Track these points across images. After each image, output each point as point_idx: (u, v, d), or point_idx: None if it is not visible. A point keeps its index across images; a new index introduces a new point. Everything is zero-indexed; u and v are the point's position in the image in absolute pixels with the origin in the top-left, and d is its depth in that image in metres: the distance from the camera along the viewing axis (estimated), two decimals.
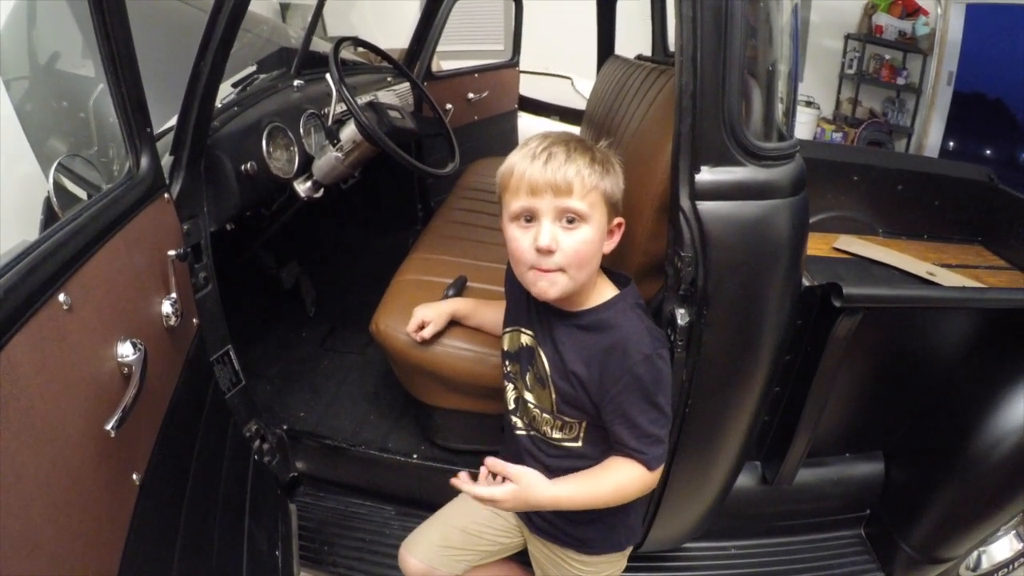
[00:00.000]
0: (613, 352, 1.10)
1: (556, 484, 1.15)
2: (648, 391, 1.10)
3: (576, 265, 1.06)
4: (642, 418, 1.11)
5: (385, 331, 1.66)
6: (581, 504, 1.16)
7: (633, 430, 1.12)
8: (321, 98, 2.13)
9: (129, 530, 1.00)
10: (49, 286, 0.86)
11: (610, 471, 1.15)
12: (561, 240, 1.05)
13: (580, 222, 1.05)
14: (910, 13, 5.83)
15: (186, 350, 1.38)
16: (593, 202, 1.05)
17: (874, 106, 6.28)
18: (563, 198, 1.03)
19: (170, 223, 1.38)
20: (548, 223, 1.05)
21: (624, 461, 1.14)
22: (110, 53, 1.17)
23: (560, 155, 1.04)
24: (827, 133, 6.10)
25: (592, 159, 1.06)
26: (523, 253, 1.07)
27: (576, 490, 1.15)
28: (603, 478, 1.15)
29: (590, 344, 1.13)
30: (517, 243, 1.08)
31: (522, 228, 1.08)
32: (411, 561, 1.43)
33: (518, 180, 1.06)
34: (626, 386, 1.09)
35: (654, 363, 1.10)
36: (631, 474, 1.14)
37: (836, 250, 2.04)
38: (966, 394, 1.66)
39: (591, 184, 1.04)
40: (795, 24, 1.37)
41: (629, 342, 1.10)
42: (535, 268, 1.07)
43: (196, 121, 1.46)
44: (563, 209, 1.04)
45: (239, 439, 1.67)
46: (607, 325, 1.13)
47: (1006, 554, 1.89)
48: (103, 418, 0.91)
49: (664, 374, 1.12)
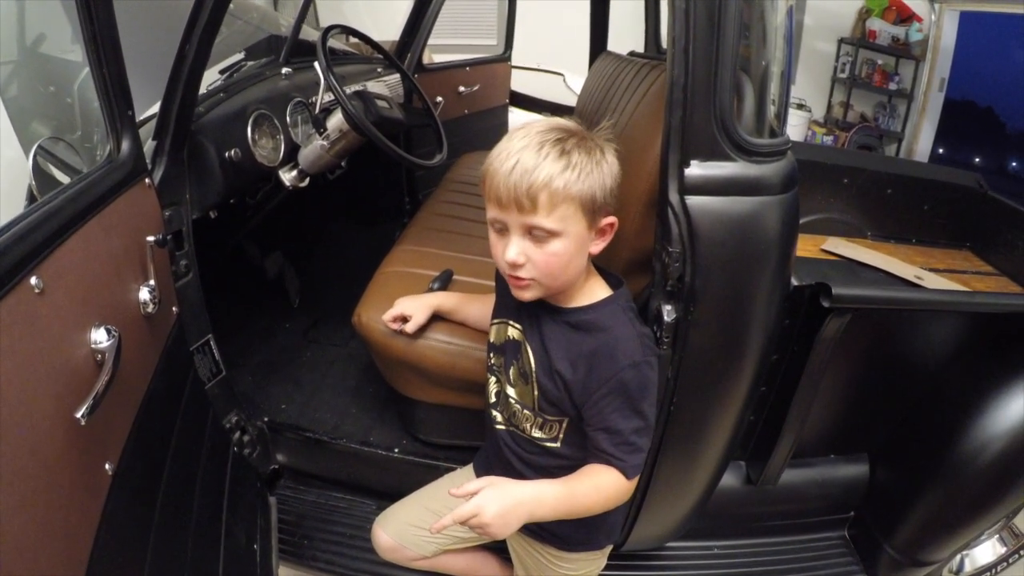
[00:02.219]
0: (600, 355, 1.08)
1: (536, 483, 1.09)
2: (633, 398, 1.07)
3: (547, 276, 1.05)
4: (624, 425, 1.08)
5: (367, 323, 1.64)
6: (561, 506, 1.07)
7: (613, 436, 1.09)
8: (309, 87, 2.10)
9: (100, 521, 0.97)
10: (20, 268, 0.83)
11: (588, 476, 1.11)
12: (530, 254, 1.03)
13: (550, 237, 1.01)
14: (904, 19, 5.85)
15: (164, 338, 1.36)
16: (564, 215, 1.00)
17: (865, 111, 6.30)
18: (527, 216, 0.99)
19: (150, 209, 1.35)
20: (516, 238, 1.02)
21: (601, 468, 1.11)
22: (92, 33, 1.14)
23: (528, 161, 0.98)
24: (818, 136, 6.12)
25: (566, 165, 0.98)
26: (498, 259, 1.07)
27: (560, 490, 1.07)
28: (581, 483, 1.10)
29: (578, 343, 1.11)
30: (494, 248, 1.07)
31: (496, 234, 1.06)
32: (382, 536, 1.44)
33: (488, 186, 1.03)
34: (611, 391, 1.07)
35: (641, 370, 1.07)
36: (608, 481, 1.10)
37: (824, 252, 2.03)
38: (952, 398, 1.67)
39: (561, 196, 0.98)
40: (789, 25, 1.36)
41: (618, 347, 1.08)
42: (509, 275, 1.07)
43: (180, 106, 1.43)
44: (528, 226, 1.00)
45: (218, 430, 1.65)
46: (597, 327, 1.11)
47: (989, 558, 1.90)
48: (74, 405, 0.89)
49: (650, 382, 1.09)
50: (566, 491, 1.07)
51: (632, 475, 1.11)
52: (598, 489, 1.09)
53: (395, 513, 1.47)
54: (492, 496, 1.01)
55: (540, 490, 1.06)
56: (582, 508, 1.09)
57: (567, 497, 1.07)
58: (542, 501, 1.05)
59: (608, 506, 1.12)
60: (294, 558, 1.75)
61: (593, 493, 1.09)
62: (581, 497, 1.08)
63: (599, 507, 1.10)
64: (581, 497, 1.08)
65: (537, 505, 1.04)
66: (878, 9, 5.89)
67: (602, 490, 1.10)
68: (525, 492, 1.05)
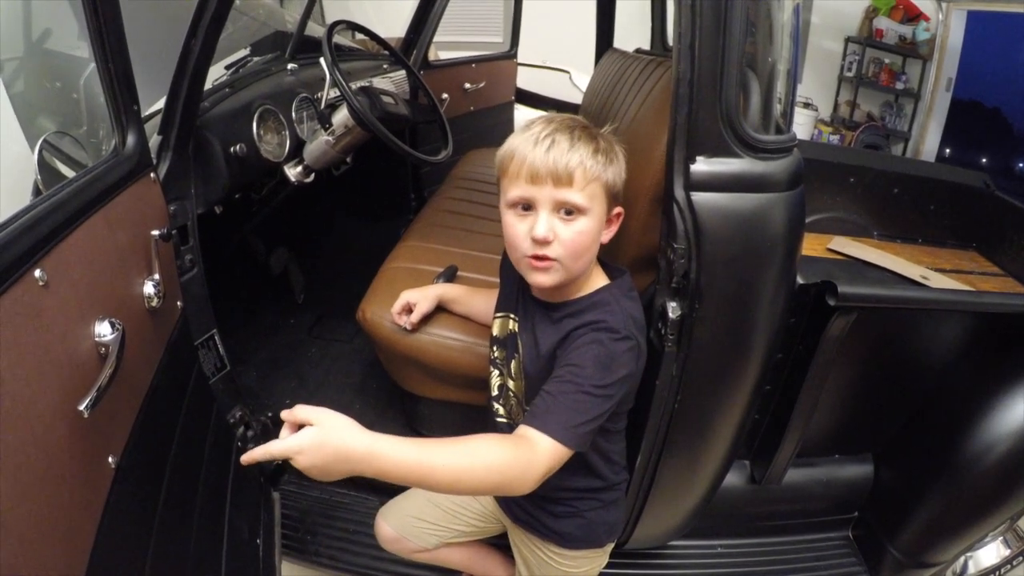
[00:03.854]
0: (584, 322, 1.06)
1: (384, 437, 0.90)
2: (600, 362, 1.01)
3: (572, 256, 1.04)
4: (569, 386, 0.99)
5: (372, 319, 1.64)
6: (410, 474, 0.89)
7: (551, 394, 1.00)
8: (315, 83, 2.10)
9: (103, 514, 0.97)
10: (25, 261, 0.83)
11: (482, 442, 0.95)
12: (559, 231, 1.03)
13: (578, 214, 1.03)
14: (911, 18, 5.82)
15: (169, 333, 1.36)
16: (593, 194, 1.03)
17: (872, 110, 6.28)
18: (563, 189, 1.01)
19: (155, 203, 1.35)
20: (546, 214, 1.03)
21: (509, 439, 0.98)
22: (98, 27, 1.14)
23: (563, 143, 1.01)
24: (824, 135, 6.10)
25: (596, 149, 1.03)
26: (519, 241, 1.05)
27: (409, 452, 0.89)
28: (453, 455, 0.92)
29: (566, 327, 1.09)
30: (513, 230, 1.06)
31: (519, 216, 1.06)
32: (384, 528, 1.47)
33: (518, 166, 1.03)
34: (579, 347, 1.03)
35: (617, 344, 1.03)
36: (513, 447, 0.95)
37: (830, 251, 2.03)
38: (958, 398, 1.66)
39: (593, 175, 1.02)
40: (796, 24, 1.36)
41: (604, 317, 1.06)
42: (530, 257, 1.05)
43: (185, 101, 1.43)
44: (561, 201, 1.02)
45: (222, 425, 1.65)
46: (588, 309, 1.10)
47: (993, 560, 1.89)
48: (77, 398, 0.89)
49: (621, 361, 1.03)
50: (421, 459, 0.90)
51: (541, 449, 0.96)
52: (489, 467, 0.92)
53: (398, 505, 1.49)
54: (316, 441, 0.87)
55: (379, 449, 0.88)
56: (447, 483, 0.92)
57: (419, 467, 0.89)
58: (378, 465, 0.88)
59: (507, 478, 0.94)
60: (297, 553, 1.75)
61: (480, 470, 0.92)
62: (445, 471, 0.91)
63: (491, 483, 0.94)
64: (445, 471, 0.91)
65: (368, 466, 0.88)
66: (885, 8, 5.87)
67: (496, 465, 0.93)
68: (356, 447, 0.87)
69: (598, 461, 1.22)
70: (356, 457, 0.87)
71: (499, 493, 1.00)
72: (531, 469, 0.94)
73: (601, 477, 1.25)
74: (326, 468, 0.87)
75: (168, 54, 1.44)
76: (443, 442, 0.93)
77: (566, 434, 0.97)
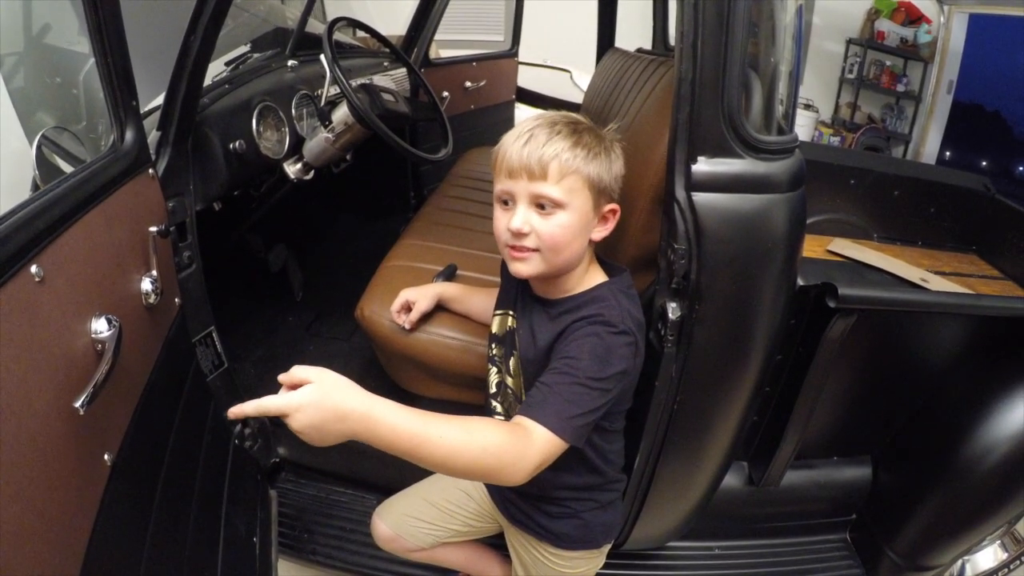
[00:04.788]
0: (581, 316, 1.06)
1: (384, 401, 0.88)
2: (596, 354, 1.00)
3: (550, 248, 1.05)
4: (565, 377, 0.99)
5: (370, 317, 1.64)
6: (402, 442, 0.87)
7: (547, 385, 0.99)
8: (315, 80, 2.10)
9: (99, 511, 0.97)
10: (21, 256, 0.83)
11: (480, 423, 0.93)
12: (535, 224, 1.04)
13: (556, 208, 1.03)
14: (913, 20, 5.82)
15: (166, 330, 1.35)
16: (571, 187, 1.03)
17: (873, 112, 6.27)
18: (537, 183, 1.02)
19: (154, 199, 1.35)
20: (523, 207, 1.04)
21: (505, 425, 0.96)
22: (97, 22, 1.13)
23: (541, 137, 1.02)
24: (825, 137, 6.09)
25: (576, 142, 1.03)
26: (500, 233, 1.08)
27: (407, 419, 0.87)
28: (450, 430, 0.89)
29: (564, 321, 1.09)
30: (497, 223, 1.08)
31: (503, 210, 1.08)
32: (381, 526, 1.46)
33: (500, 161, 1.06)
34: (575, 339, 1.03)
35: (615, 337, 1.02)
36: (509, 433, 0.93)
37: (830, 253, 2.02)
38: (957, 402, 1.66)
39: (570, 168, 1.02)
40: (799, 25, 1.36)
41: (601, 311, 1.06)
42: (509, 247, 1.07)
43: (184, 96, 1.43)
44: (536, 195, 1.03)
45: (219, 422, 1.64)
46: (586, 304, 1.10)
47: (990, 564, 1.88)
48: (73, 395, 0.88)
49: (618, 354, 1.02)
50: (418, 429, 0.87)
51: (536, 438, 0.95)
52: (484, 449, 0.90)
53: (394, 504, 1.49)
54: (314, 398, 0.84)
55: (377, 412, 0.86)
56: (439, 457, 0.89)
57: (415, 436, 0.87)
58: (375, 428, 0.86)
59: (502, 463, 0.91)
60: (294, 551, 1.74)
61: (475, 450, 0.89)
62: (440, 445, 0.88)
63: (484, 466, 0.91)
64: (440, 445, 0.88)
65: (364, 427, 0.85)
66: (887, 10, 5.86)
67: (491, 448, 0.90)
68: (356, 407, 0.85)
69: (595, 461, 1.22)
70: (354, 417, 0.85)
71: (490, 479, 0.96)
72: (525, 458, 0.93)
73: (598, 477, 1.25)
74: (323, 428, 0.84)
75: (168, 50, 1.43)
76: (442, 417, 0.91)
77: (561, 425, 0.96)
